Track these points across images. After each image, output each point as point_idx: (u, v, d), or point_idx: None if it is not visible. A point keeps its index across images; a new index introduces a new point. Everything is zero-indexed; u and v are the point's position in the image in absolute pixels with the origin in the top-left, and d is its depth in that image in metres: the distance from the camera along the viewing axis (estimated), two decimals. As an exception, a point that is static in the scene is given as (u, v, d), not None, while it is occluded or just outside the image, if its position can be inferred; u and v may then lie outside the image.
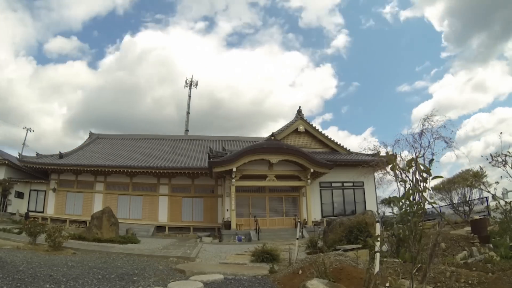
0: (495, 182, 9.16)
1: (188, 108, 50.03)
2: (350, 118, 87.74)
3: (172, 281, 6.19)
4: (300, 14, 79.75)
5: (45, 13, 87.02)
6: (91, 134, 32.86)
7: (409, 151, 13.52)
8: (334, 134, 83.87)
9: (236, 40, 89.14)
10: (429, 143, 13.18)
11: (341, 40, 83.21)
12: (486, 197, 18.26)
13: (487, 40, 75.38)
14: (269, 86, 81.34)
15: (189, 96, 51.19)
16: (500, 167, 7.92)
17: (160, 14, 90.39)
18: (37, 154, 25.80)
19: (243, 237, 18.44)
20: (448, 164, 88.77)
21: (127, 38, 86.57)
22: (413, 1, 76.04)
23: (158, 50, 80.00)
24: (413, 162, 3.00)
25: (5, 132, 74.93)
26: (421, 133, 13.14)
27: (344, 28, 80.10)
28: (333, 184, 23.81)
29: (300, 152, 21.16)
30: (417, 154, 13.09)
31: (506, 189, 15.90)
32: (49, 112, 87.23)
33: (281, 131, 25.23)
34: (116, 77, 78.21)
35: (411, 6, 73.56)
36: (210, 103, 77.64)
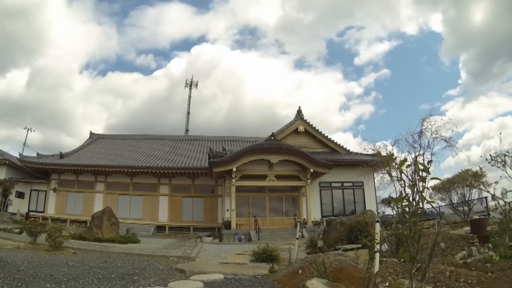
0: (495, 182, 9.18)
1: (188, 108, 50.25)
2: (377, 131, 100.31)
3: (173, 281, 6.20)
4: (360, 53, 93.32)
5: (132, 29, 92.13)
6: (91, 134, 32.80)
7: (408, 151, 13.53)
8: (359, 143, 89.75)
9: (303, 65, 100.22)
10: (428, 143, 13.19)
11: (385, 73, 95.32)
12: (486, 197, 18.26)
13: (501, 67, 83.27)
14: (322, 107, 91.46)
15: (189, 96, 51.57)
16: (499, 168, 7.94)
17: (240, 35, 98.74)
18: (38, 154, 25.82)
19: (243, 237, 18.44)
20: (449, 168, 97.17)
21: (200, 52, 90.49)
22: (442, 58, 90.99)
23: (227, 64, 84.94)
24: (407, 161, 3.01)
25: (50, 137, 77.46)
26: (421, 133, 13.13)
27: (389, 65, 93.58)
28: (333, 184, 23.80)
29: (300, 152, 21.16)
30: (416, 154, 13.09)
31: (505, 189, 15.91)
32: (99, 120, 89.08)
33: (281, 131, 25.21)
34: (180, 88, 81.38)
35: (439, 60, 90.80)
36: (267, 116, 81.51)
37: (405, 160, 3.13)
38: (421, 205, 3.05)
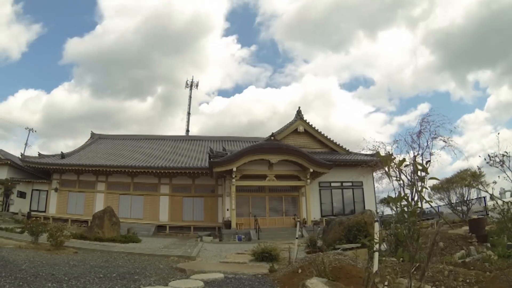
0: (493, 182, 9.14)
1: (189, 108, 50.24)
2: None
3: (173, 280, 6.20)
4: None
5: (279, 75, 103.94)
6: (92, 134, 32.78)
7: (407, 151, 13.53)
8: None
9: (380, 109, 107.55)
10: (427, 143, 13.19)
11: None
12: (484, 197, 18.27)
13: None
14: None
15: (190, 97, 51.57)
16: (497, 167, 7.92)
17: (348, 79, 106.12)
18: (39, 154, 25.82)
19: (243, 236, 18.43)
20: (449, 170, 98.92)
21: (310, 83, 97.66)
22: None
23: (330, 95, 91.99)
24: (407, 161, 3.01)
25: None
26: (419, 133, 13.13)
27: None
28: (332, 184, 23.81)
29: (300, 152, 21.16)
30: (415, 154, 13.09)
31: (503, 189, 15.88)
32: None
33: (281, 131, 25.21)
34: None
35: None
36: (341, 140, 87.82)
37: (404, 160, 3.13)
38: (420, 205, 3.05)
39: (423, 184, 2.98)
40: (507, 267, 5.62)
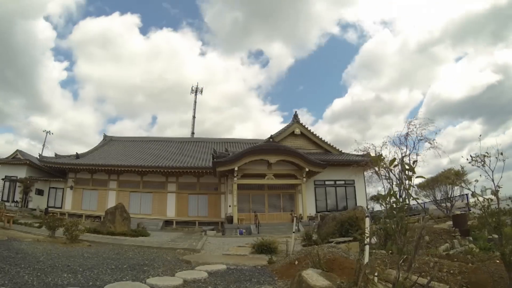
0: (475, 180, 9.14)
1: (194, 112, 50.19)
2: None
3: (180, 271, 6.19)
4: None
5: None
6: (105, 136, 32.83)
7: (395, 152, 13.55)
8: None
9: None
10: (414, 144, 13.22)
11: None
12: (466, 194, 18.27)
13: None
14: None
15: (195, 102, 51.46)
16: (479, 167, 7.91)
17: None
18: (56, 154, 25.82)
19: (244, 230, 18.39)
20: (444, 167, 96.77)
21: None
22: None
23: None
24: (396, 161, 3.02)
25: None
26: (407, 135, 13.17)
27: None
28: (327, 182, 23.78)
29: (296, 153, 21.15)
30: (403, 154, 13.11)
31: (484, 186, 15.86)
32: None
33: (279, 133, 25.19)
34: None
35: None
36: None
37: (394, 160, 3.14)
38: (407, 201, 3.06)
39: (410, 182, 2.99)
40: (487, 259, 5.61)
